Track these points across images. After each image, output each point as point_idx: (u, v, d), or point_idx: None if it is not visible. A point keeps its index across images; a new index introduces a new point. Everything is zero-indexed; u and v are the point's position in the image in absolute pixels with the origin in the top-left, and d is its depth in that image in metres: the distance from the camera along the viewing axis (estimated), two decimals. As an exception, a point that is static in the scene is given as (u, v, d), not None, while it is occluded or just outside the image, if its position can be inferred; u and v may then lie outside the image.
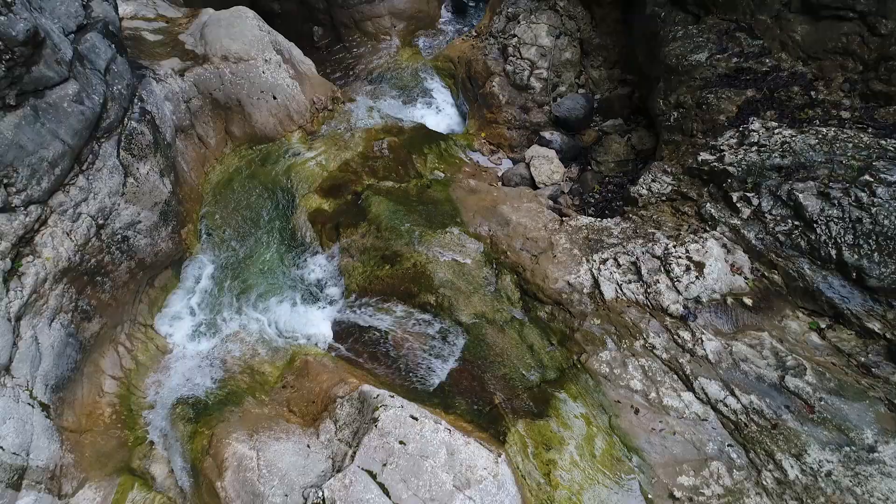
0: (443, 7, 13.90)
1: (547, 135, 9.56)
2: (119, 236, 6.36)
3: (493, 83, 10.25)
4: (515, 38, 10.27)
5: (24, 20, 4.83)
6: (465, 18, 13.92)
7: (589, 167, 9.45)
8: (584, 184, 9.17)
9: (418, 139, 9.80)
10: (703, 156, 6.51)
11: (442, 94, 12.12)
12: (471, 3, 14.18)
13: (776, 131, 6.08)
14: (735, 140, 6.37)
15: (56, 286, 5.59)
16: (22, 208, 5.23)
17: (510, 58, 10.23)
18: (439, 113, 11.81)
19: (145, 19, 9.13)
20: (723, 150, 6.36)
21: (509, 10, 10.91)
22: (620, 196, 8.83)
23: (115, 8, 6.49)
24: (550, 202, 8.69)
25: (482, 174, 9.66)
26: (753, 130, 6.28)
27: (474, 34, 12.44)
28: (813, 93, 6.37)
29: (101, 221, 6.08)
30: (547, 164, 9.18)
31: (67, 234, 5.70)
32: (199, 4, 11.56)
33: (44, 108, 5.26)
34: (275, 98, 8.90)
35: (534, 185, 9.19)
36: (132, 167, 6.44)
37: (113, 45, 6.19)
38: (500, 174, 9.78)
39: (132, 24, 8.96)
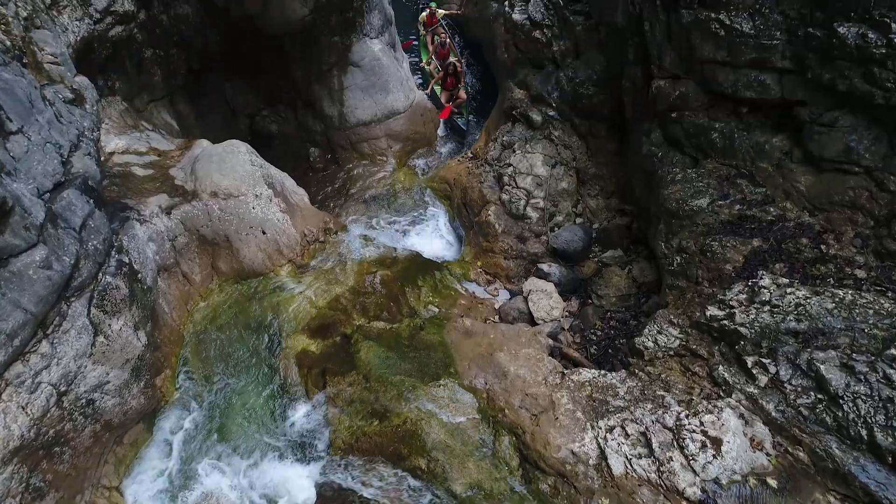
0: (439, 129, 14.06)
1: (545, 267, 9.27)
2: (83, 401, 5.85)
3: (489, 212, 10.08)
4: (511, 168, 10.21)
5: (-10, 192, 4.57)
6: (461, 139, 14.06)
7: (590, 301, 9.09)
8: (584, 319, 8.77)
9: (413, 270, 9.48)
10: (712, 311, 6.13)
11: (438, 217, 11.99)
12: (471, 118, 14.33)
13: (788, 290, 5.73)
14: (745, 296, 6.02)
15: (4, 469, 5.03)
16: (-29, 387, 4.78)
17: (506, 187, 10.12)
18: (435, 236, 11.61)
19: (137, 153, 9.04)
20: (732, 307, 5.99)
21: (504, 139, 10.93)
22: (623, 333, 8.41)
23: (98, 161, 6.30)
24: (550, 341, 8.26)
25: (478, 307, 9.28)
26: (764, 287, 5.93)
27: (470, 156, 12.48)
28: (823, 247, 6.07)
29: (63, 388, 5.59)
30: (546, 299, 8.81)
31: (23, 409, 5.20)
32: (196, 133, 11.63)
33: (6, 277, 4.92)
34: (264, 233, 8.66)
35: (532, 321, 8.79)
36: (103, 325, 6.03)
37: (91, 200, 5.94)
38: (497, 307, 9.40)
39: (123, 158, 8.85)
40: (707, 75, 6.78)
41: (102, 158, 8.65)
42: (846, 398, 4.94)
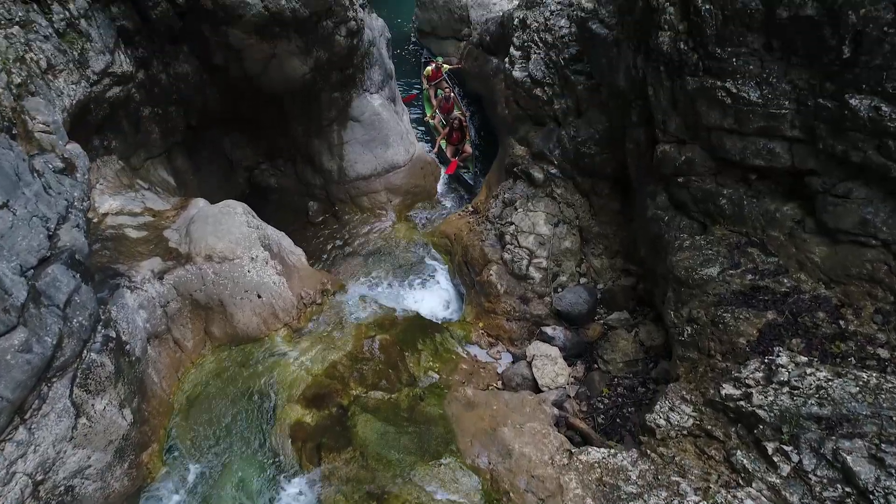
0: (439, 182, 13.96)
1: (549, 330, 8.98)
2: (62, 488, 5.49)
3: (491, 272, 9.84)
4: (513, 227, 10.01)
5: (-33, 277, 4.34)
6: (469, 193, 13.92)
7: (596, 366, 8.77)
8: (590, 386, 8.43)
9: (412, 332, 9.20)
10: (727, 389, 5.83)
11: (438, 272, 11.77)
12: (478, 172, 14.13)
13: (808, 371, 5.44)
14: (761, 374, 5.72)
15: (-30, 571, 4.67)
16: (-61, 484, 4.45)
17: (508, 245, 9.91)
18: (435, 293, 11.37)
19: (131, 214, 8.85)
20: (749, 386, 5.69)
21: (506, 196, 10.77)
22: (632, 401, 8.09)
23: (86, 232, 6.08)
24: (556, 410, 7.93)
25: (480, 372, 8.96)
26: (781, 365, 5.64)
27: (470, 209, 12.33)
28: (842, 322, 5.81)
29: (39, 477, 5.25)
30: (550, 365, 8.50)
31: (-6, 503, 4.86)
32: (193, 188, 11.50)
33: (-18, 363, 4.65)
34: (259, 297, 8.41)
35: (537, 388, 8.46)
36: (86, 405, 5.72)
37: (77, 275, 5.70)
38: (500, 371, 9.08)
39: (117, 220, 8.65)
40: (714, 142, 6.62)
41: (96, 220, 8.50)
42: (877, 493, 4.60)
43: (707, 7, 5.94)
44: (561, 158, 10.12)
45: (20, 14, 7.23)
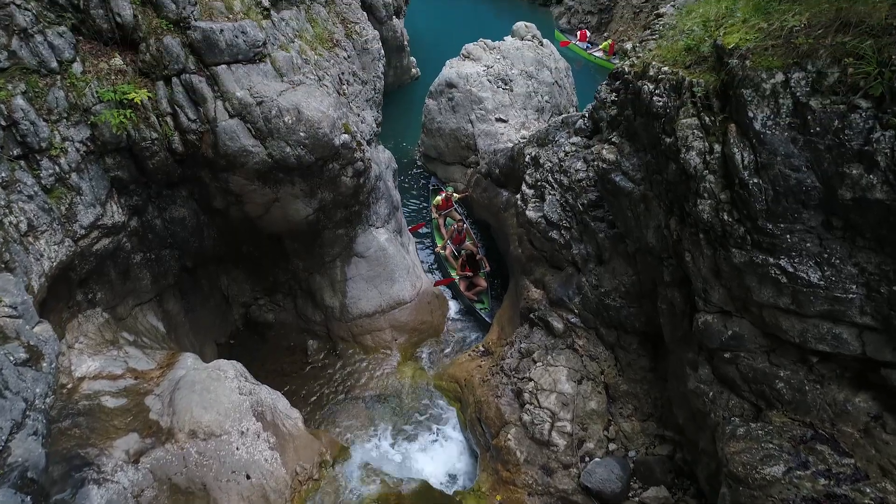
0: (447, 317, 13.17)
1: (578, 514, 7.87)
2: None
3: (509, 435, 8.82)
4: (532, 383, 9.11)
5: None
6: (473, 327, 13.09)
7: (634, 558, 7.60)
8: (630, 585, 7.23)
9: (421, 513, 8.12)
10: None
11: (447, 424, 10.78)
12: (493, 307, 13.27)
13: None
14: None
15: None
16: None
17: (527, 405, 8.96)
18: (445, 449, 10.33)
19: (111, 377, 7.97)
20: None
21: (522, 346, 9.93)
22: None
23: (46, 437, 5.17)
24: None
25: (501, 565, 7.78)
26: None
27: (482, 349, 11.50)
28: (949, 554, 4.81)
29: None
30: (582, 560, 7.34)
31: None
32: (185, 329, 10.71)
33: None
34: (248, 478, 7.38)
35: (567, 588, 7.25)
36: None
37: (28, 497, 4.76)
38: (522, 561, 7.89)
39: (94, 385, 7.77)
40: (767, 319, 5.87)
41: (70, 386, 7.63)
42: None
43: (755, 181, 5.37)
44: (581, 307, 9.37)
45: (3, 174, 6.72)
